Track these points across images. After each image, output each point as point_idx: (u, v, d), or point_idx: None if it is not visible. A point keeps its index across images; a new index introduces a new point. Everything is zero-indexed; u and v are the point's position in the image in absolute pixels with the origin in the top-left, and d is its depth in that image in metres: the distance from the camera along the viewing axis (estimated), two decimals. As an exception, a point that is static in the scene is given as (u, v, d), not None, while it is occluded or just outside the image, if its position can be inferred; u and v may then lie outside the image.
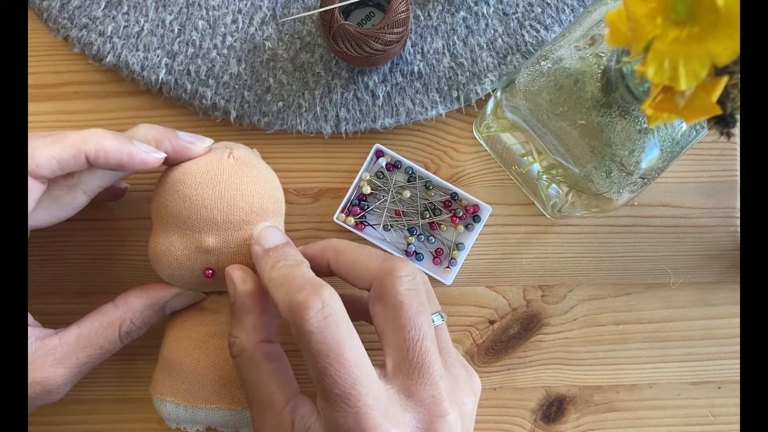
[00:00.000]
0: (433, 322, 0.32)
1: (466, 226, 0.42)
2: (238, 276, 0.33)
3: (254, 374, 0.32)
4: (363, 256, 0.33)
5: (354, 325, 0.29)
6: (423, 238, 0.42)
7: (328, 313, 0.28)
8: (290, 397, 0.31)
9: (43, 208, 0.34)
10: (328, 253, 0.33)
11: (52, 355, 0.33)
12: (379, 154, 0.42)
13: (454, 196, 0.42)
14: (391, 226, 0.42)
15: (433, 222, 0.42)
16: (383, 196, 0.42)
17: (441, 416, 0.29)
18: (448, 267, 0.42)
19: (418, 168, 0.42)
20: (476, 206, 0.42)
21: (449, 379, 0.31)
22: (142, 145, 0.34)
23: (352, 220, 0.41)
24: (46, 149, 0.31)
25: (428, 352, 0.29)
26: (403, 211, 0.42)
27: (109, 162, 0.32)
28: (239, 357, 0.32)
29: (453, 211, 0.42)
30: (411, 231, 0.42)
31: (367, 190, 0.41)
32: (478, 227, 0.42)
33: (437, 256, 0.42)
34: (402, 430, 0.28)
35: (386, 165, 0.42)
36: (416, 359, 0.29)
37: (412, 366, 0.29)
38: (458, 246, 0.42)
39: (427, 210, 0.42)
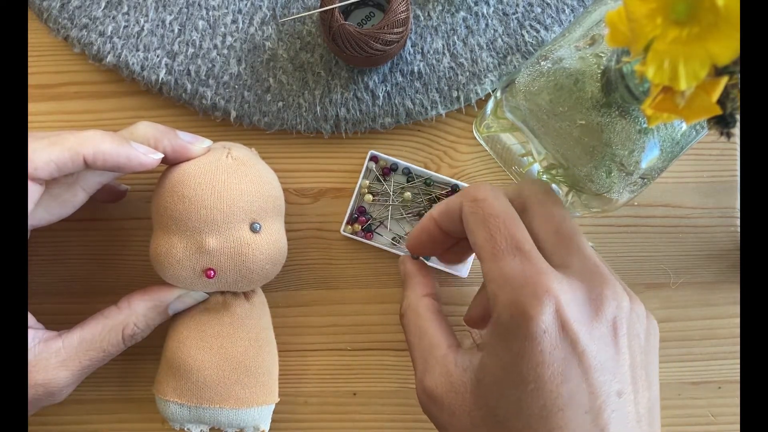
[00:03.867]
0: None
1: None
2: (405, 258, 0.37)
3: (419, 322, 0.33)
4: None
5: None
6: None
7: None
8: (451, 343, 0.32)
9: (42, 207, 0.34)
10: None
11: (55, 358, 0.33)
12: (375, 160, 0.42)
13: (455, 187, 0.42)
14: (399, 222, 0.42)
15: None
16: (385, 201, 0.42)
17: (605, 281, 0.28)
18: None
19: (416, 167, 0.42)
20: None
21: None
22: (140, 146, 0.34)
23: (358, 227, 0.41)
24: (44, 152, 0.30)
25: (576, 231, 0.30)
26: (409, 204, 0.42)
27: (107, 164, 0.32)
28: (406, 311, 0.34)
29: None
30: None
31: (368, 198, 0.41)
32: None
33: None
34: (568, 280, 0.27)
35: (383, 169, 0.42)
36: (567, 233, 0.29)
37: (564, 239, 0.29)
38: None
39: (432, 203, 0.42)
